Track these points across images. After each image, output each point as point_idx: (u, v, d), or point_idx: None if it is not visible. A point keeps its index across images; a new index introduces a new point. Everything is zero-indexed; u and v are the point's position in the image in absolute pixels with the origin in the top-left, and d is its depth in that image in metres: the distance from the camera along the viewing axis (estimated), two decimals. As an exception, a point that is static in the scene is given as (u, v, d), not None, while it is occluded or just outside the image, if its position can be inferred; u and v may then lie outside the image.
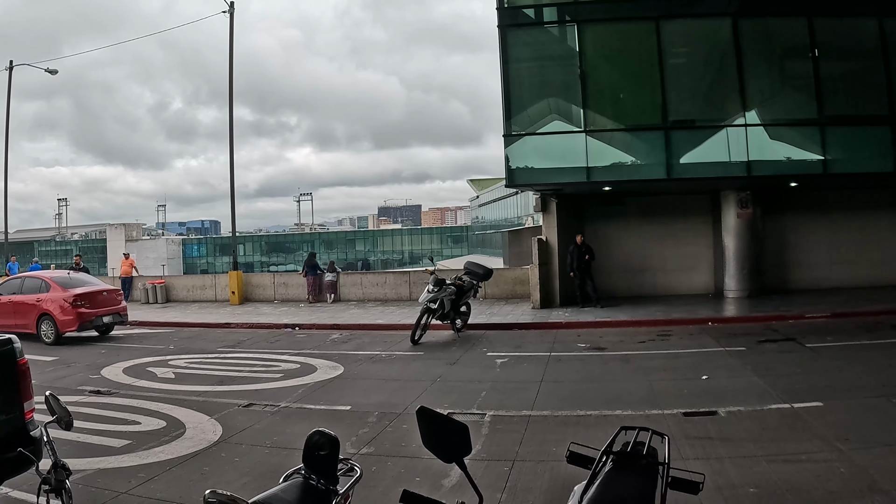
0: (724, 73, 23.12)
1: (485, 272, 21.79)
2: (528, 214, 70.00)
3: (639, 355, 16.65)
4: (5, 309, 22.87)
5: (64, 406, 4.73)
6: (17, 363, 7.42)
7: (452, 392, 13.48)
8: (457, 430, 3.47)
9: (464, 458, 3.46)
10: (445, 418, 3.46)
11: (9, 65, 41.68)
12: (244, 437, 10.83)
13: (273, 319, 25.88)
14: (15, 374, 7.39)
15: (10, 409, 7.26)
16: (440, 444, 3.48)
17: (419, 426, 3.48)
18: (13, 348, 7.40)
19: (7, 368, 7.34)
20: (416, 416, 3.48)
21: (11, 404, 7.29)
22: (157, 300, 34.21)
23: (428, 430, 3.50)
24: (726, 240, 25.80)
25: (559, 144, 24.04)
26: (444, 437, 3.47)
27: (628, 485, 3.67)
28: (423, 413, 3.48)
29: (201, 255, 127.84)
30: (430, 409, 3.48)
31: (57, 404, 4.72)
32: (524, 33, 24.63)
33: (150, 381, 15.61)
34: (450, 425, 3.47)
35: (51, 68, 42.01)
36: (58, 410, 4.73)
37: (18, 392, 7.36)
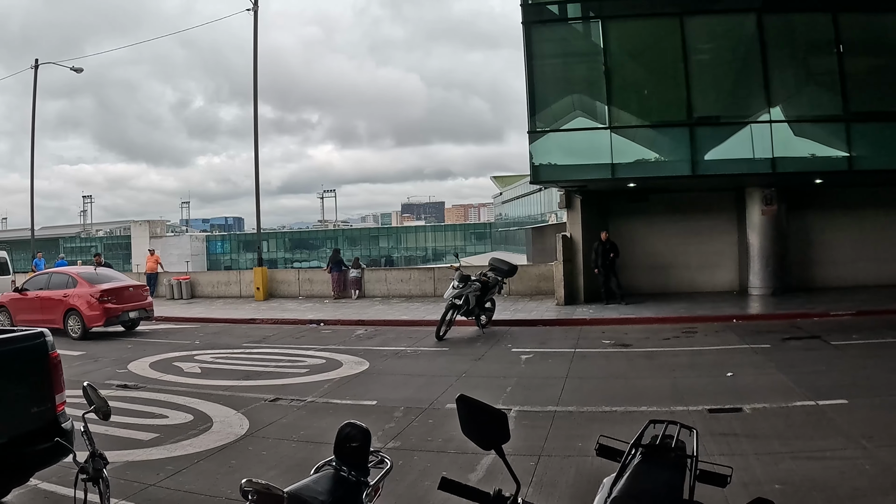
0: (748, 69, 22.93)
1: (509, 268, 21.78)
2: (552, 211, 69.75)
3: (663, 352, 16.65)
4: (32, 304, 23.10)
5: (102, 396, 4.71)
6: (49, 356, 7.51)
7: (478, 388, 13.40)
8: (495, 417, 3.49)
9: (502, 445, 3.49)
10: (484, 405, 3.48)
11: (34, 63, 41.92)
12: (271, 431, 10.91)
13: (298, 315, 25.97)
14: (47, 367, 7.48)
15: (42, 401, 7.36)
16: (479, 432, 3.51)
17: (459, 413, 3.52)
18: (45, 341, 7.50)
19: (39, 361, 7.44)
20: (456, 404, 3.51)
21: (43, 397, 7.39)
22: (183, 296, 34.44)
23: (467, 418, 3.53)
24: (751, 237, 25.67)
25: (583, 141, 23.93)
26: (483, 424, 3.50)
27: (657, 477, 3.62)
28: (463, 400, 3.51)
29: (225, 252, 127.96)
30: (470, 396, 3.51)
31: (95, 394, 4.69)
32: (548, 30, 24.57)
33: (177, 375, 15.77)
34: (489, 412, 3.49)
35: (76, 66, 42.23)
36: (95, 400, 4.70)
37: (51, 384, 7.45)
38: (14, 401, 7.16)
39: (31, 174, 43.76)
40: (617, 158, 23.12)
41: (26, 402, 7.27)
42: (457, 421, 10.36)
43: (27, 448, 7.06)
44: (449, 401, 12.27)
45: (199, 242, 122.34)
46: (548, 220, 67.15)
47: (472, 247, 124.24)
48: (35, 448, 7.08)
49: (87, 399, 4.77)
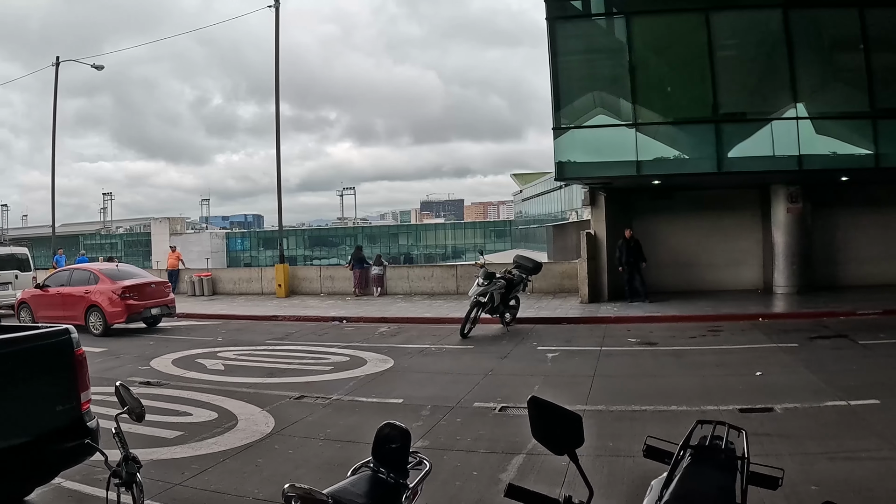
0: (774, 65, 22.73)
1: (534, 266, 21.64)
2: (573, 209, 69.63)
3: (690, 350, 16.51)
4: (54, 301, 23.13)
5: (136, 397, 4.52)
6: (74, 353, 7.44)
7: (504, 386, 13.36)
8: (570, 420, 3.36)
9: (576, 449, 3.35)
10: (558, 407, 3.35)
11: (55, 60, 41.97)
12: (297, 429, 10.83)
13: (320, 312, 25.97)
14: (72, 365, 7.41)
15: (67, 399, 7.31)
16: (551, 435, 3.39)
17: (530, 417, 3.39)
18: (70, 338, 7.44)
19: (64, 358, 7.37)
20: (528, 406, 3.39)
21: (69, 395, 7.33)
22: (204, 293, 34.58)
23: (539, 421, 3.40)
24: (776, 235, 25.48)
25: (608, 138, 23.79)
26: (556, 427, 3.37)
27: (708, 479, 3.58)
28: (535, 403, 3.38)
29: (245, 249, 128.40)
30: (542, 398, 3.37)
31: (128, 395, 4.53)
32: (572, 25, 24.47)
33: (200, 372, 15.75)
34: (562, 415, 3.36)
35: (97, 63, 42.29)
36: (129, 401, 4.53)
37: (76, 382, 7.39)
38: (39, 399, 7.09)
39: (53, 171, 44.11)
40: (642, 155, 22.99)
41: (51, 399, 7.19)
42: (486, 419, 10.34)
43: (52, 447, 6.98)
44: (477, 399, 12.26)
45: (219, 240, 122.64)
46: (568, 218, 67.07)
47: (491, 244, 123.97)
48: (60, 447, 7.03)
49: (120, 399, 4.61)
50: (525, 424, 10.20)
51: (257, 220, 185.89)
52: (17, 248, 33.86)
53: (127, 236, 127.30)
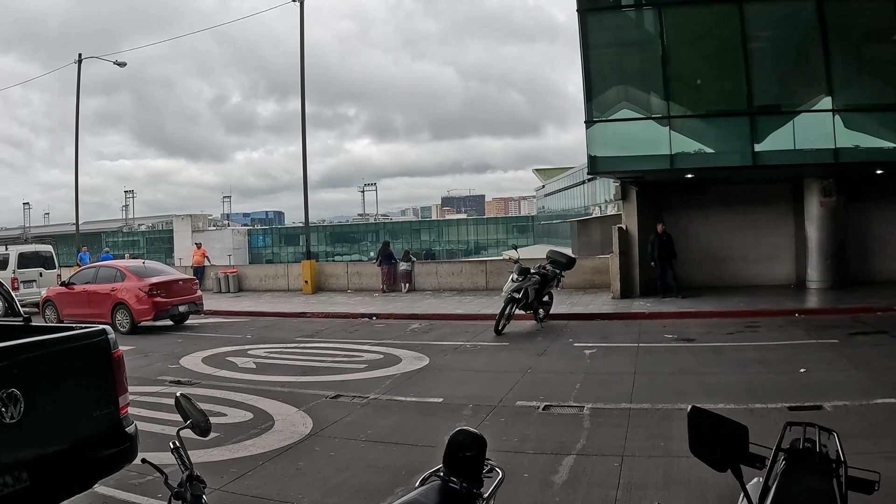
0: (809, 56, 22.42)
1: (567, 261, 21.38)
2: (596, 204, 69.63)
3: (730, 347, 16.25)
4: (79, 298, 23.00)
5: (200, 409, 4.18)
6: (111, 355, 7.07)
7: (545, 384, 13.09)
8: (735, 431, 3.05)
9: (739, 465, 3.04)
10: (722, 418, 3.07)
11: (77, 58, 41.91)
12: (336, 430, 10.57)
13: (349, 309, 25.77)
14: (110, 367, 7.03)
15: (105, 403, 6.95)
16: (713, 449, 3.08)
17: (689, 429, 3.09)
18: (107, 339, 7.06)
19: (102, 360, 7.00)
20: (688, 417, 3.08)
21: (107, 399, 6.97)
22: (230, 289, 34.53)
23: (698, 433, 3.10)
24: (809, 229, 25.10)
25: (641, 131, 23.51)
26: (719, 440, 3.06)
27: (808, 485, 3.43)
28: (698, 413, 3.08)
29: (266, 246, 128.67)
30: (703, 408, 3.05)
31: (191, 406, 4.18)
32: (604, 17, 24.17)
33: (231, 371, 15.55)
34: (726, 426, 3.08)
35: (119, 61, 42.32)
36: (192, 414, 4.17)
37: (114, 385, 7.03)
38: (76, 403, 6.73)
39: (76, 169, 44.15)
40: (676, 149, 22.71)
41: (89, 404, 6.82)
42: (530, 419, 9.97)
43: (90, 454, 6.67)
44: (519, 397, 12.04)
45: (241, 236, 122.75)
46: (591, 213, 66.94)
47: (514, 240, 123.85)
48: (99, 454, 6.75)
49: (182, 412, 4.24)
50: (572, 424, 9.96)
51: (278, 216, 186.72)
52: (42, 246, 33.81)
53: (149, 234, 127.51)
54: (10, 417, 5.79)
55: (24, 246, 34.62)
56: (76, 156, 43.76)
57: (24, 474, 5.96)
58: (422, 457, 8.93)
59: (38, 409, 6.09)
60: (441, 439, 9.45)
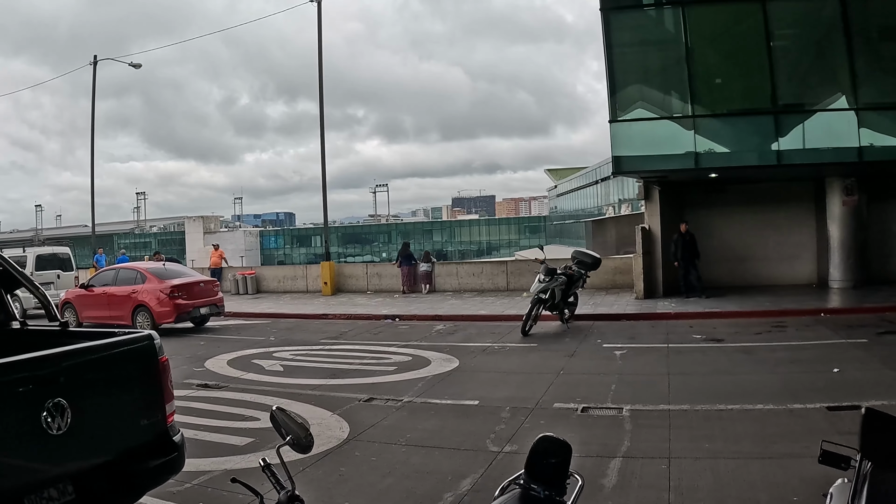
0: (832, 53, 22.26)
1: (593, 261, 21.23)
2: (610, 204, 69.40)
3: (760, 347, 16.13)
4: (99, 300, 22.86)
5: (298, 422, 3.86)
6: (158, 361, 6.82)
7: (580, 385, 12.99)
8: None
9: None
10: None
11: (93, 59, 41.93)
12: (374, 434, 10.43)
13: (371, 310, 25.66)
14: (157, 373, 6.79)
15: (152, 412, 6.71)
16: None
17: (865, 431, 2.89)
18: (153, 344, 6.82)
19: (148, 366, 6.74)
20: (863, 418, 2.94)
21: (154, 406, 6.73)
22: (248, 291, 34.54)
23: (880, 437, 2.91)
24: (831, 228, 24.98)
25: (665, 130, 23.44)
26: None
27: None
28: (874, 415, 2.91)
29: (278, 247, 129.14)
30: (878, 409, 2.87)
31: (289, 420, 3.87)
32: (627, 16, 24.08)
33: (259, 374, 15.38)
34: None
35: (134, 62, 42.33)
36: (292, 429, 3.85)
37: (161, 392, 6.80)
38: (123, 412, 6.46)
39: (92, 170, 44.29)
40: (700, 148, 22.61)
41: (136, 412, 6.56)
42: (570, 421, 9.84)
43: (138, 465, 6.39)
44: (556, 399, 11.92)
45: (253, 237, 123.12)
46: (605, 213, 66.76)
47: (526, 240, 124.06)
48: (146, 465, 6.47)
49: (278, 427, 3.97)
50: (613, 426, 9.86)
51: (289, 217, 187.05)
52: (59, 248, 33.79)
53: (161, 235, 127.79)
54: (57, 429, 5.49)
55: (41, 248, 34.65)
56: (92, 157, 43.79)
57: (69, 487, 5.70)
58: (465, 461, 8.86)
59: (85, 419, 5.79)
60: (482, 443, 9.40)
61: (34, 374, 5.53)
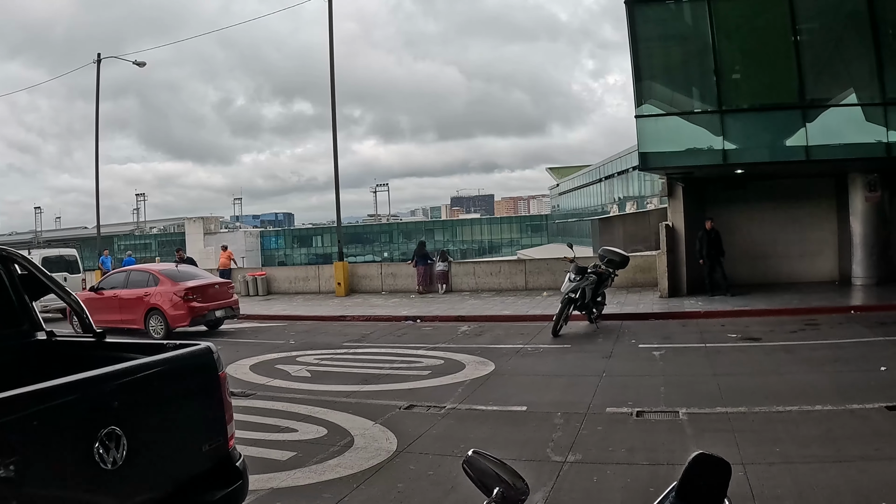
0: (860, 47, 21.87)
1: (621, 259, 20.78)
2: (614, 202, 69.09)
3: (799, 346, 15.75)
4: (110, 304, 22.33)
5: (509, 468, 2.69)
6: (218, 377, 6.09)
7: (627, 388, 12.61)
8: None
9: None
10: None
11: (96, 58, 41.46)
12: (424, 444, 9.82)
13: (389, 311, 25.30)
14: (218, 391, 6.08)
15: (214, 435, 6.00)
16: None
17: None
18: (213, 358, 6.09)
19: (209, 384, 6.03)
20: None
21: (216, 430, 6.03)
22: (258, 292, 34.17)
23: None
24: (853, 225, 24.77)
25: (692, 125, 23.19)
26: None
27: None
28: None
29: (279, 248, 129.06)
30: None
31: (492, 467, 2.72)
32: (652, 10, 23.66)
33: (285, 380, 14.77)
34: None
35: (138, 60, 41.92)
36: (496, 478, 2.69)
37: (222, 413, 6.09)
38: (183, 438, 5.78)
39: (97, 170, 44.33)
40: (728, 143, 22.30)
41: (197, 437, 5.86)
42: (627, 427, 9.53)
43: (201, 497, 5.70)
44: (606, 403, 11.49)
45: (254, 238, 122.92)
46: (610, 212, 66.47)
47: (527, 239, 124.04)
48: (210, 497, 5.75)
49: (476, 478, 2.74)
50: (674, 430, 9.71)
51: (288, 217, 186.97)
52: (66, 250, 33.21)
53: (161, 236, 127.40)
54: (112, 463, 4.77)
55: (47, 250, 34.06)
56: (96, 157, 43.59)
57: None
58: (530, 472, 8.30)
59: (143, 449, 5.08)
60: (542, 452, 8.91)
61: (84, 398, 4.85)
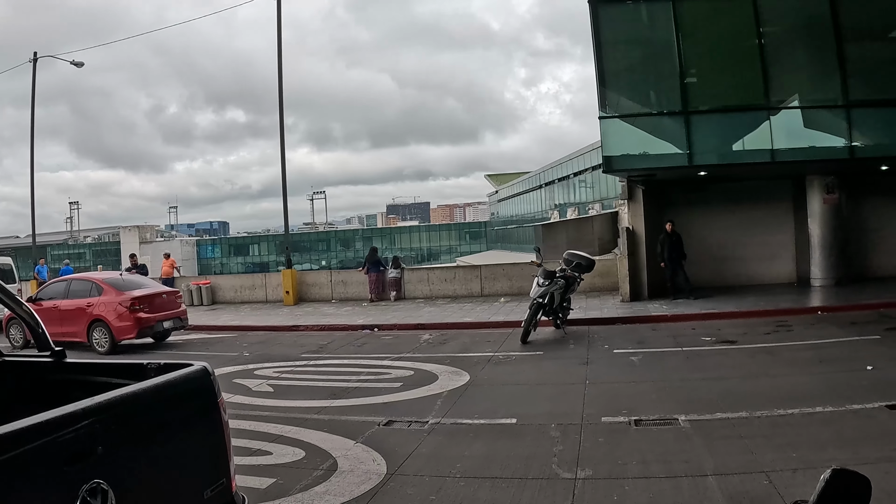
0: (824, 51, 21.99)
1: (588, 263, 20.20)
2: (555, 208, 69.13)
3: (778, 347, 15.63)
4: (50, 315, 20.97)
5: None
6: (217, 404, 5.05)
7: (617, 396, 12.06)
8: None
9: None
10: None
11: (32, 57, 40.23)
12: (417, 465, 8.90)
13: (344, 320, 24.51)
14: (218, 423, 5.03)
15: (216, 475, 4.95)
16: None
17: None
18: (211, 381, 5.04)
19: (208, 414, 4.99)
20: None
21: (217, 469, 4.99)
22: (203, 302, 33.30)
23: None
24: (812, 227, 24.93)
25: (657, 127, 23.10)
26: None
27: None
28: None
29: (215, 256, 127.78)
30: None
31: None
32: (615, 10, 23.45)
33: (247, 395, 13.68)
34: None
35: (76, 60, 40.78)
36: None
37: (223, 448, 5.06)
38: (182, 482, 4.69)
39: (32, 177, 43.37)
40: (693, 144, 22.20)
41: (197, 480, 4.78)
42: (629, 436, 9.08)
43: None
44: (600, 412, 10.95)
45: (190, 247, 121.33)
46: (550, 218, 66.44)
47: (466, 246, 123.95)
48: None
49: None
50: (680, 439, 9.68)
51: (223, 226, 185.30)
52: (1, 258, 31.82)
53: (95, 245, 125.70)
54: None
55: (-21, 259, 32.64)
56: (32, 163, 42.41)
57: None
58: (542, 492, 7.82)
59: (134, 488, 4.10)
60: (549, 468, 8.23)
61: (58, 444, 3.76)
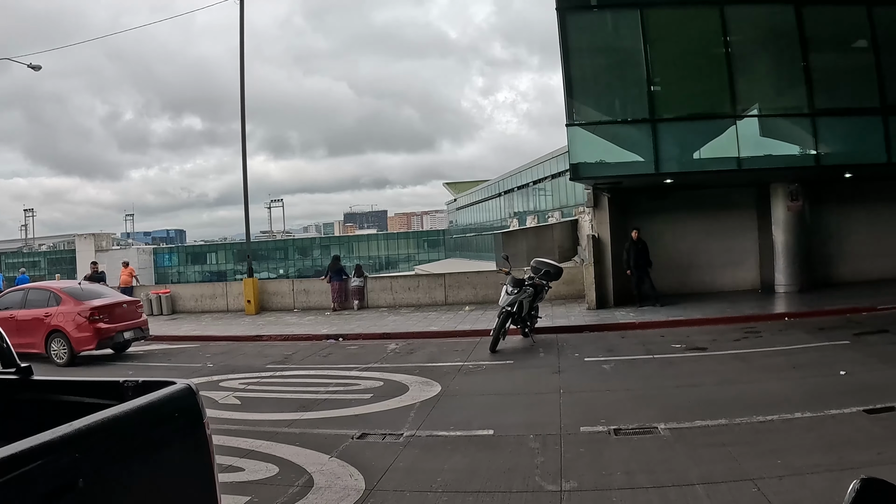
0: (789, 60, 22.29)
1: (556, 271, 20.11)
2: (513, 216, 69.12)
3: (750, 354, 15.67)
4: (7, 325, 20.25)
5: None
6: (203, 425, 4.62)
7: (593, 405, 11.99)
8: None
9: None
10: None
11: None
12: (397, 480, 8.66)
13: (308, 330, 24.16)
14: (205, 446, 4.60)
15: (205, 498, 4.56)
16: None
17: None
18: (196, 400, 4.62)
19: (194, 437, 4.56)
20: None
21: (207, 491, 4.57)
22: (162, 311, 32.60)
23: None
24: (776, 234, 25.03)
25: (624, 135, 23.05)
26: None
27: None
28: None
29: (172, 265, 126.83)
30: None
31: None
32: (583, 18, 23.38)
33: (213, 408, 13.05)
34: None
35: (33, 63, 40.03)
36: None
37: (210, 474, 4.63)
38: None
39: None
40: (660, 152, 22.15)
41: None
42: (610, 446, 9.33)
43: None
44: (578, 422, 10.78)
45: (147, 255, 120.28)
46: (509, 226, 66.39)
47: (424, 254, 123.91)
48: None
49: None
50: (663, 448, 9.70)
51: (179, 234, 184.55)
52: (-46, 269, 31.21)
53: (50, 254, 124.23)
54: None
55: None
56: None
57: None
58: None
59: None
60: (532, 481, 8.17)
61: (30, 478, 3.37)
